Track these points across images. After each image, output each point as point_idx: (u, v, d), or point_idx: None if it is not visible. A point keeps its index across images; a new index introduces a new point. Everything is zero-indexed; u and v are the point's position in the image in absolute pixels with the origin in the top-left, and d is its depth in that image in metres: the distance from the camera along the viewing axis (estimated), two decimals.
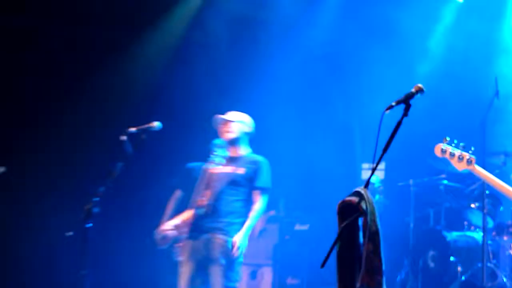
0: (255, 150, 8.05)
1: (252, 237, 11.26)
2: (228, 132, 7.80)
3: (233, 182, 7.63)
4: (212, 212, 7.49)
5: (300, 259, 10.09)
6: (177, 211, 8.81)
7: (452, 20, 10.82)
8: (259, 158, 7.85)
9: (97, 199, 6.96)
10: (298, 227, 10.71)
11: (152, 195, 10.91)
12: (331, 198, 7.44)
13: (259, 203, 7.60)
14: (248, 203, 7.62)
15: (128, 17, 11.23)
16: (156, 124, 7.40)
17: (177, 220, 8.13)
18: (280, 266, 10.68)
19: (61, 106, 11.26)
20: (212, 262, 7.40)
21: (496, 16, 10.40)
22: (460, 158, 6.11)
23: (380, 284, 4.65)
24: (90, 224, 6.88)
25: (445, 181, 9.70)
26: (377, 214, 4.76)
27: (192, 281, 7.48)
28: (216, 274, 7.38)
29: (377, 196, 10.92)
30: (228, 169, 7.74)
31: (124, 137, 7.30)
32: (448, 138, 6.16)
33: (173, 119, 8.86)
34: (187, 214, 7.94)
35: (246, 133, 7.92)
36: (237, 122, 7.86)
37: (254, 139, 10.29)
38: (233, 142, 7.83)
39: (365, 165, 11.40)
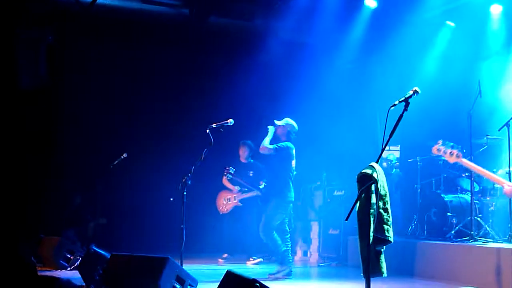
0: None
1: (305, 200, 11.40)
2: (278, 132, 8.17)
3: None
4: None
5: (338, 216, 10.06)
6: None
7: (446, 40, 10.66)
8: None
9: (190, 175, 7.12)
10: (336, 193, 10.70)
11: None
12: (359, 170, 7.48)
13: None
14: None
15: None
16: (230, 121, 7.51)
17: None
18: (324, 221, 10.70)
19: (167, 113, 11.49)
20: None
21: (479, 34, 10.19)
22: (451, 154, 6.17)
23: (388, 231, 4.65)
24: (185, 192, 7.07)
25: (443, 157, 9.57)
26: (385, 181, 4.80)
27: None
28: None
29: (394, 170, 10.89)
30: None
31: (208, 131, 7.46)
32: (441, 141, 6.24)
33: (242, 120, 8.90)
34: None
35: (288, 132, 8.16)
36: (282, 126, 8.03)
37: (310, 131, 10.43)
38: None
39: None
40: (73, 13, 10.21)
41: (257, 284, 4.16)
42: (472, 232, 8.25)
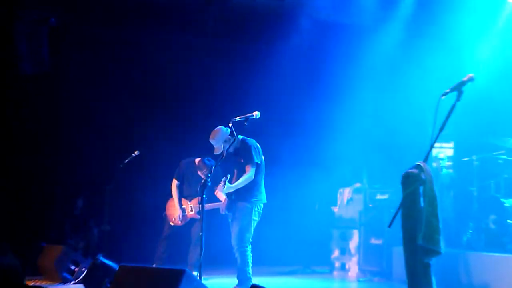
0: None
1: (341, 205, 11.35)
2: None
3: None
4: None
5: (381, 223, 10.00)
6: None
7: (506, 20, 10.47)
8: None
9: (210, 175, 7.11)
10: (379, 196, 10.64)
11: None
12: (405, 171, 7.38)
13: None
14: None
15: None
16: (256, 113, 7.46)
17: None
18: (364, 229, 10.63)
19: (184, 105, 11.54)
20: None
21: None
22: None
23: (438, 241, 4.63)
24: (205, 196, 7.04)
25: (504, 156, 9.43)
26: (434, 182, 4.76)
27: None
28: None
29: (445, 170, 10.76)
30: None
31: (230, 125, 7.47)
32: None
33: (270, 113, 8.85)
34: None
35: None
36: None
37: (349, 125, 10.29)
38: None
39: (436, 144, 11.23)
40: None
41: None
42: None
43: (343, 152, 11.31)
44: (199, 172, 9.31)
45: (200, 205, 7.08)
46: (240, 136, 7.89)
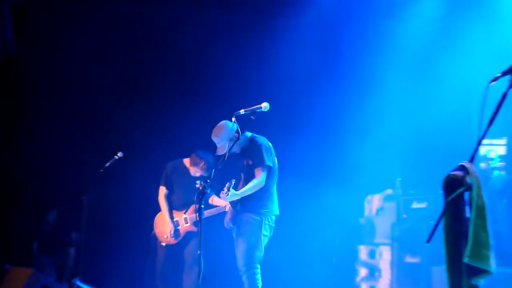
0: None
1: (369, 216, 11.32)
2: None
3: None
4: None
5: (418, 237, 9.98)
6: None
7: None
8: None
9: (209, 181, 7.10)
10: (415, 205, 10.61)
11: None
12: (446, 173, 7.31)
13: None
14: None
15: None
16: (265, 105, 7.46)
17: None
18: (398, 244, 10.62)
19: (176, 96, 11.56)
20: None
21: None
22: None
23: (488, 259, 4.61)
24: (203, 205, 7.03)
25: None
26: (483, 188, 4.74)
27: None
28: None
29: (496, 172, 10.74)
30: None
31: (234, 119, 7.47)
32: None
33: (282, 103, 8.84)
34: None
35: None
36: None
37: (377, 117, 10.25)
38: None
39: (484, 141, 11.19)
40: None
41: None
42: None
43: (371, 151, 11.28)
44: (192, 171, 9.31)
45: (197, 214, 7.07)
46: (248, 133, 7.90)
